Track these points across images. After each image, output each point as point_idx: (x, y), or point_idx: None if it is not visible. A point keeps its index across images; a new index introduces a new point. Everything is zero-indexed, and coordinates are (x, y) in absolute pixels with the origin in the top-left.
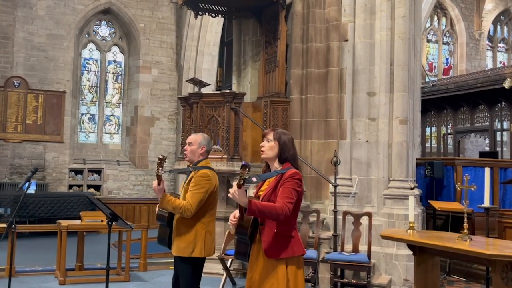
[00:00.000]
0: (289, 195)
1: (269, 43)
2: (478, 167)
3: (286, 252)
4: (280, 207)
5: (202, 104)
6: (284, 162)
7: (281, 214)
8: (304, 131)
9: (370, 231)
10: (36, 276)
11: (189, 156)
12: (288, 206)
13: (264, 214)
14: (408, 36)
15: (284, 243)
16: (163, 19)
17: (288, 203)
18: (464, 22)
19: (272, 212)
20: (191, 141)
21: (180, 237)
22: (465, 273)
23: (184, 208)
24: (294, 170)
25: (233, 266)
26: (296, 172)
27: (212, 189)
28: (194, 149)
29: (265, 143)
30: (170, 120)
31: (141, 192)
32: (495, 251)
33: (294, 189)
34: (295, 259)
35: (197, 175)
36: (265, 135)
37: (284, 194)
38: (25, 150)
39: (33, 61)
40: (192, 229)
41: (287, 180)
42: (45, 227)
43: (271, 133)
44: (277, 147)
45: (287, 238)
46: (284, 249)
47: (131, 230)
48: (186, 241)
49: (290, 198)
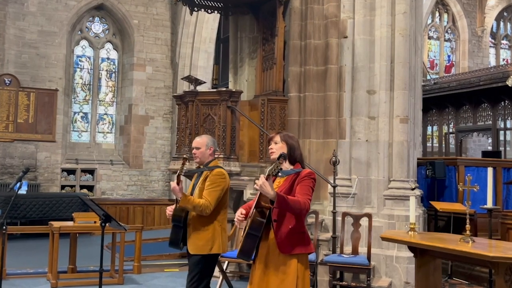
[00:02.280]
0: (308, 192)
1: (267, 40)
2: (481, 167)
3: (299, 248)
4: (303, 202)
5: (198, 103)
6: (295, 163)
7: (304, 209)
8: (303, 130)
9: (370, 232)
10: (28, 279)
11: (200, 158)
12: (308, 202)
13: (290, 207)
14: (409, 33)
15: (297, 238)
16: (158, 15)
17: (308, 199)
18: (466, 18)
19: (296, 206)
20: (198, 146)
21: (198, 235)
22: (468, 276)
23: (204, 206)
24: (309, 169)
25: (229, 269)
26: (311, 172)
27: (227, 187)
28: (203, 151)
29: (273, 146)
30: (165, 119)
31: (135, 192)
32: (498, 253)
33: (310, 187)
34: (305, 257)
35: (213, 173)
36: (272, 139)
37: (303, 191)
38: (16, 150)
39: (25, 58)
40: (210, 227)
41: (305, 178)
42: (37, 229)
43: (277, 136)
44: (286, 148)
45: (301, 234)
46: (298, 245)
47: (125, 231)
48: (204, 238)
49: (309, 195)
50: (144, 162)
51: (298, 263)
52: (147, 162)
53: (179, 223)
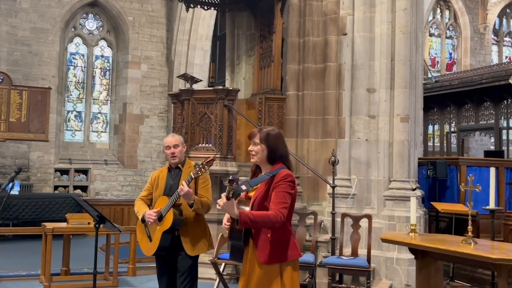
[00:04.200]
0: (283, 200)
1: (264, 37)
2: (483, 167)
3: (280, 258)
4: (274, 215)
5: (194, 101)
6: (275, 162)
7: (276, 222)
8: (301, 129)
9: (369, 234)
10: (20, 281)
11: (179, 157)
12: (282, 212)
13: (257, 224)
14: (409, 30)
15: (278, 248)
16: (153, 12)
17: (282, 208)
18: (468, 15)
19: (265, 221)
20: (176, 143)
21: (196, 235)
22: (469, 278)
23: (208, 204)
24: (285, 171)
25: (226, 271)
26: (288, 174)
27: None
28: (181, 149)
29: (252, 147)
30: (160, 118)
31: (130, 193)
32: (500, 255)
33: (287, 192)
34: (291, 262)
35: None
36: (251, 137)
37: (277, 200)
38: (8, 149)
39: (17, 56)
40: (204, 225)
41: (279, 183)
42: (30, 230)
43: (257, 135)
44: (266, 150)
45: (282, 243)
46: (278, 255)
47: (120, 233)
48: (202, 237)
49: (284, 203)
50: (139, 162)
51: (283, 270)
52: (142, 162)
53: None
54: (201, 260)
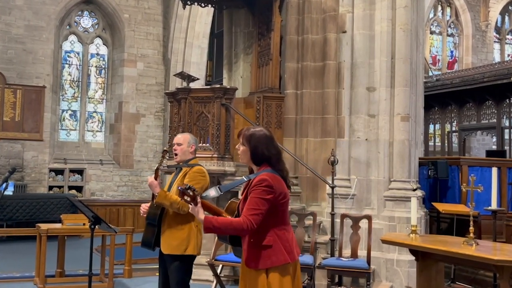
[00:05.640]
0: (254, 206)
1: (262, 35)
2: (485, 167)
3: (264, 262)
4: (238, 223)
5: (191, 100)
6: (261, 164)
7: (241, 230)
8: (300, 128)
9: (369, 235)
10: (14, 283)
11: (180, 156)
12: (251, 220)
13: (222, 231)
14: (410, 28)
15: (262, 253)
16: (149, 9)
17: (252, 215)
18: (470, 12)
19: (229, 229)
20: (180, 141)
21: (172, 235)
22: (471, 280)
23: (182, 203)
24: (262, 176)
25: (223, 273)
26: (262, 179)
27: (206, 185)
28: (185, 148)
29: (238, 147)
30: (156, 117)
31: (126, 193)
32: (503, 256)
33: (260, 198)
34: (278, 268)
35: (193, 170)
36: (239, 136)
37: (248, 206)
38: (2, 149)
39: (11, 54)
40: (186, 227)
41: (253, 188)
42: (24, 231)
43: (241, 136)
44: (248, 151)
45: (265, 248)
46: (262, 259)
47: (115, 234)
48: (179, 238)
49: (255, 210)
50: (135, 162)
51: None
52: (138, 162)
53: (153, 221)
54: (198, 261)
